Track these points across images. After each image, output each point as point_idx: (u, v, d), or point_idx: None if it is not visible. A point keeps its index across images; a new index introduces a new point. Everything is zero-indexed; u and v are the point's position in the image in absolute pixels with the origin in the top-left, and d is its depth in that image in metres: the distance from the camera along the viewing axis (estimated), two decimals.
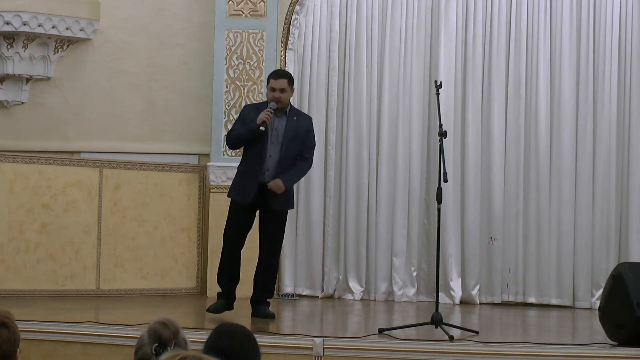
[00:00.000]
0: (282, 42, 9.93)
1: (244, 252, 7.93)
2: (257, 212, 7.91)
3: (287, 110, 7.90)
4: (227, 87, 9.73)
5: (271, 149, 7.79)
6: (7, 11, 9.65)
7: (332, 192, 9.94)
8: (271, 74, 8.08)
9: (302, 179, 9.89)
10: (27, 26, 9.70)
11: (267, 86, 8.03)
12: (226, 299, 7.88)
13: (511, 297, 9.79)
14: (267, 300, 7.99)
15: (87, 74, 10.17)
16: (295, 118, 7.91)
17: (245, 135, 7.77)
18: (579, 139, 9.73)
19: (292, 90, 7.98)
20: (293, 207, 8.24)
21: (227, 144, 8.13)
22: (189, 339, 3.48)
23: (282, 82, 7.85)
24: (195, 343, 3.50)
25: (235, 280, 7.92)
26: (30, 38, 9.85)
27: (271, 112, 7.69)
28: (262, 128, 7.65)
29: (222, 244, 7.96)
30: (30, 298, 8.94)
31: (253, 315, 7.86)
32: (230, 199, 7.93)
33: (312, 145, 8.05)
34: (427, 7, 9.93)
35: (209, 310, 7.83)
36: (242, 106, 8.89)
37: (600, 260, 9.61)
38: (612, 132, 9.66)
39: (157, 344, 3.35)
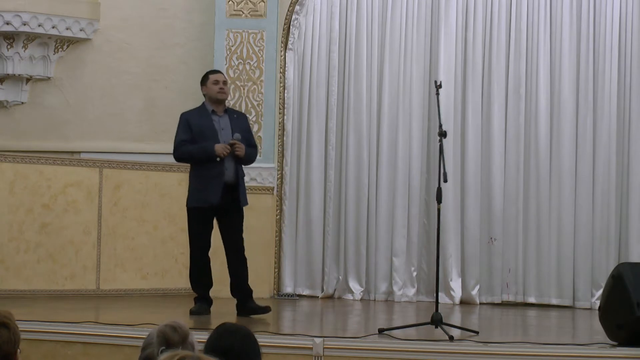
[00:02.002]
0: (282, 42, 9.93)
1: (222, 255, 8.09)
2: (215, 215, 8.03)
3: (225, 108, 8.15)
4: None
5: None
6: (7, 11, 9.66)
7: (332, 192, 9.94)
8: (207, 72, 8.28)
9: (301, 180, 9.94)
10: (27, 26, 9.70)
11: (204, 86, 8.15)
12: (206, 302, 8.07)
13: (511, 297, 9.78)
14: (250, 294, 8.10)
15: (87, 74, 10.17)
16: (235, 116, 8.19)
17: (199, 158, 7.93)
18: (579, 138, 9.72)
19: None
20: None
21: (175, 157, 8.15)
22: (196, 342, 3.48)
23: (222, 75, 8.25)
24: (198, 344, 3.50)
25: (210, 284, 8.12)
26: (30, 38, 9.85)
27: (229, 148, 7.87)
28: (217, 159, 7.86)
29: (191, 251, 8.07)
30: (30, 298, 8.94)
31: (246, 312, 7.93)
32: (188, 208, 8.02)
33: (253, 138, 8.34)
34: (427, 7, 9.93)
35: (192, 313, 7.92)
36: (243, 108, 9.03)
37: (600, 260, 9.61)
38: (612, 132, 9.66)
39: (163, 347, 3.35)
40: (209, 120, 8.01)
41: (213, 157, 7.85)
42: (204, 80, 8.17)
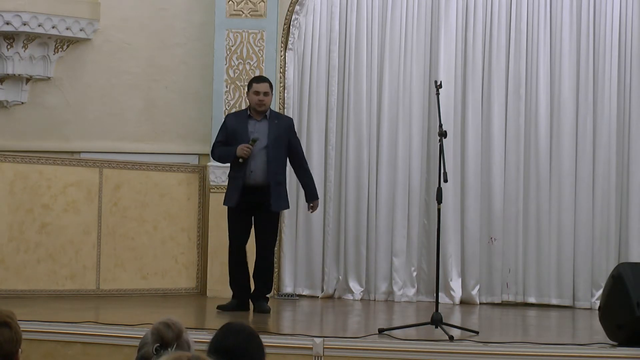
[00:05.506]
0: (282, 42, 9.93)
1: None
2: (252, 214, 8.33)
3: (267, 113, 8.32)
4: (227, 87, 9.73)
5: (254, 152, 8.15)
6: (7, 11, 9.66)
7: (332, 192, 9.94)
8: (253, 79, 8.56)
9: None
10: (27, 26, 9.70)
11: (248, 92, 8.45)
12: (238, 302, 8.30)
13: (511, 297, 9.78)
14: (266, 295, 8.38)
15: (87, 74, 10.17)
16: (276, 121, 8.33)
17: (226, 159, 8.34)
18: (579, 139, 9.72)
19: (272, 94, 8.44)
20: (289, 207, 8.69)
21: (211, 157, 8.68)
22: (192, 339, 3.48)
23: (265, 86, 8.32)
24: (194, 343, 3.49)
25: (246, 287, 8.34)
26: (30, 38, 9.85)
27: (249, 148, 8.10)
28: (240, 160, 8.12)
29: (229, 252, 8.42)
30: (30, 298, 8.94)
31: (254, 308, 8.24)
32: (227, 207, 8.43)
33: (300, 146, 8.58)
34: (427, 7, 9.93)
35: (218, 307, 8.30)
36: (242, 108, 9.15)
37: (600, 260, 9.61)
38: (612, 132, 9.66)
39: (158, 345, 3.35)
40: (244, 123, 8.27)
41: (236, 158, 8.13)
42: (249, 86, 8.43)
